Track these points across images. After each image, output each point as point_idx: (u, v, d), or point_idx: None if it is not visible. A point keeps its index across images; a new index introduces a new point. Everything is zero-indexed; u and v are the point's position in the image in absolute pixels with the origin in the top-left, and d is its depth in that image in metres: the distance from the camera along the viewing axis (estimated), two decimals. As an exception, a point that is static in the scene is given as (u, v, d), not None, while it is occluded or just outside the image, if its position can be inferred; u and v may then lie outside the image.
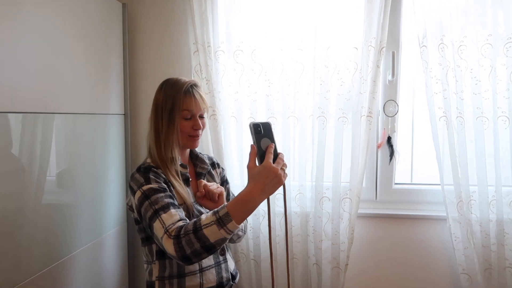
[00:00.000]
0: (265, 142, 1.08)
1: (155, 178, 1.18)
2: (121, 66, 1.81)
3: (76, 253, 1.48)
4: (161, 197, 1.13)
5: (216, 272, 1.27)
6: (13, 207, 1.18)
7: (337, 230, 1.69)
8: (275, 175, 1.03)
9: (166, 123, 1.23)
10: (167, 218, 1.08)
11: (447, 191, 1.63)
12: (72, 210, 1.46)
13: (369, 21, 1.62)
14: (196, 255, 1.03)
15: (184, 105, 1.24)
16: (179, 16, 1.84)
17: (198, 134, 1.29)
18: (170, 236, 1.04)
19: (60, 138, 1.40)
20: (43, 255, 1.32)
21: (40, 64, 1.28)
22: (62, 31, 1.38)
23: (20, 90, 1.19)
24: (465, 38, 1.58)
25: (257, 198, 1.03)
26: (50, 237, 1.35)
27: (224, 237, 1.02)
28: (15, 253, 1.19)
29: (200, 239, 1.01)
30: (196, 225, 1.03)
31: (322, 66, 1.66)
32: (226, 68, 1.76)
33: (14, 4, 1.15)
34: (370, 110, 1.64)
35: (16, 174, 1.19)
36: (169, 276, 1.23)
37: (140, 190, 1.16)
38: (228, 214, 1.02)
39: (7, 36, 1.13)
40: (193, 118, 1.26)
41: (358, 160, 1.66)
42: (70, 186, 1.46)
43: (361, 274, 1.81)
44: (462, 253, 1.62)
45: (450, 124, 1.59)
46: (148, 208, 1.12)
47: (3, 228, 1.15)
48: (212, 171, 1.43)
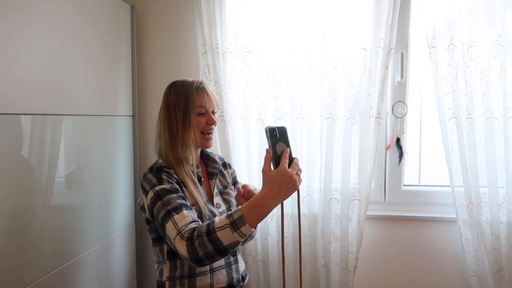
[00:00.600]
0: (280, 146, 1.09)
1: (167, 178, 1.18)
2: (129, 68, 1.81)
3: (85, 254, 1.49)
4: (174, 197, 1.13)
5: (227, 273, 1.27)
6: (23, 208, 1.18)
7: (345, 232, 1.68)
8: (290, 180, 1.04)
9: (181, 122, 1.23)
10: (179, 219, 1.08)
11: (457, 193, 1.62)
12: (81, 212, 1.47)
13: (378, 22, 1.61)
14: (209, 258, 1.03)
15: (197, 102, 1.24)
16: (187, 17, 1.85)
17: (212, 129, 1.29)
18: (183, 238, 1.04)
19: (69, 139, 1.40)
20: (53, 256, 1.32)
21: (49, 66, 1.28)
22: (71, 33, 1.38)
23: (29, 92, 1.19)
24: (474, 38, 1.58)
25: (271, 202, 1.04)
26: (60, 238, 1.35)
27: (237, 240, 1.02)
28: (25, 254, 1.20)
29: (213, 242, 1.01)
30: (210, 227, 1.03)
31: (331, 67, 1.66)
32: (234, 69, 1.76)
33: (24, 7, 1.16)
34: (379, 111, 1.63)
35: (26, 176, 1.20)
36: (180, 276, 1.23)
37: (152, 190, 1.16)
38: (242, 217, 1.02)
39: (17, 39, 1.14)
40: (206, 113, 1.26)
41: (367, 162, 1.66)
42: (79, 187, 1.47)
43: (370, 276, 1.80)
44: (472, 255, 1.61)
45: (460, 126, 1.58)
46: (160, 208, 1.12)
47: (13, 229, 1.15)
48: (224, 171, 1.43)
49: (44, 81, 1.26)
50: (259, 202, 1.04)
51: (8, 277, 1.13)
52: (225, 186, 1.40)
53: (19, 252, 1.17)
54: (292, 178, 1.04)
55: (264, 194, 1.04)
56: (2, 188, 1.10)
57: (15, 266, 1.16)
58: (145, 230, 1.91)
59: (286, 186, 1.04)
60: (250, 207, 1.04)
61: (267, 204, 1.04)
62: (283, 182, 1.03)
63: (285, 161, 1.06)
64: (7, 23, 1.10)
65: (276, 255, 1.77)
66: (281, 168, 1.05)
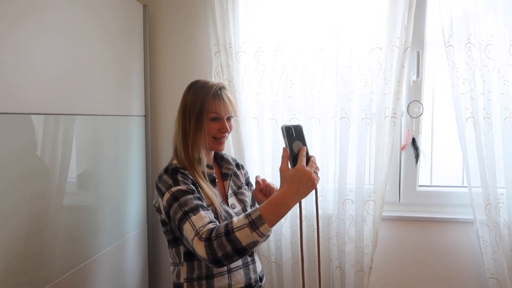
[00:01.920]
0: (297, 145, 1.08)
1: (183, 179, 1.17)
2: (141, 68, 1.81)
3: (100, 255, 1.48)
4: (190, 198, 1.12)
5: (244, 273, 1.26)
6: (38, 209, 1.17)
7: (360, 233, 1.66)
8: (308, 178, 1.03)
9: (193, 125, 1.22)
10: (197, 220, 1.07)
11: (474, 194, 1.59)
12: (95, 212, 1.46)
13: (393, 21, 1.59)
14: (227, 258, 1.02)
15: (212, 108, 1.23)
16: (199, 17, 1.84)
17: (224, 136, 1.28)
18: (201, 239, 1.03)
19: (82, 139, 1.39)
20: (69, 257, 1.31)
21: (63, 66, 1.27)
22: (84, 33, 1.37)
23: (43, 92, 1.18)
24: (492, 37, 1.55)
25: (290, 201, 1.03)
26: (75, 239, 1.35)
27: (256, 240, 1.01)
28: (41, 255, 1.19)
29: (232, 242, 1.00)
30: (228, 227, 1.02)
31: (345, 66, 1.64)
32: (247, 69, 1.75)
33: (37, 7, 1.15)
34: (395, 111, 1.61)
35: (41, 176, 1.19)
36: (197, 277, 1.21)
37: (168, 191, 1.15)
38: (261, 217, 1.01)
39: (31, 39, 1.13)
40: (220, 120, 1.25)
41: (383, 162, 1.64)
42: (92, 187, 1.46)
43: (385, 277, 1.77)
44: (490, 257, 1.58)
45: (477, 125, 1.56)
46: (177, 210, 1.11)
47: (30, 230, 1.14)
48: (237, 172, 1.42)
49: (58, 81, 1.24)
50: (277, 201, 1.03)
51: (24, 279, 1.12)
52: (239, 187, 1.39)
53: (36, 254, 1.17)
54: (310, 176, 1.03)
55: (283, 192, 1.03)
56: (18, 189, 1.09)
57: (31, 268, 1.15)
58: (157, 231, 1.91)
59: (304, 185, 1.03)
60: (269, 206, 1.02)
61: (286, 203, 1.03)
62: (301, 181, 1.02)
63: (303, 159, 1.05)
64: (23, 23, 1.09)
65: (289, 256, 1.75)
66: (299, 166, 1.04)
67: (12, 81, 1.06)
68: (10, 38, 1.04)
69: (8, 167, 1.05)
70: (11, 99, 1.06)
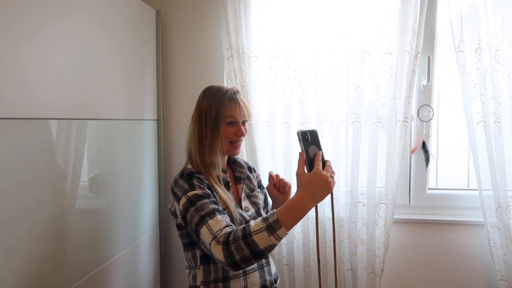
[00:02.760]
0: (312, 149, 1.10)
1: (199, 184, 1.19)
2: (154, 72, 1.82)
3: (115, 258, 1.49)
4: (206, 203, 1.14)
5: (260, 275, 1.27)
6: (54, 212, 1.17)
7: (372, 236, 1.68)
8: (325, 182, 1.05)
9: (210, 130, 1.24)
10: (214, 224, 1.09)
11: (485, 197, 1.61)
12: (109, 215, 1.47)
13: (404, 27, 1.62)
14: (245, 261, 1.03)
15: (228, 112, 1.24)
16: (211, 22, 1.86)
17: (240, 140, 1.30)
18: (218, 242, 1.04)
19: (96, 143, 1.39)
20: (86, 261, 1.33)
21: (78, 71, 1.27)
22: (96, 38, 1.37)
23: (59, 97, 1.18)
24: (502, 42, 1.58)
25: (307, 205, 1.05)
26: (91, 243, 1.36)
27: (273, 243, 1.02)
28: (57, 259, 1.19)
29: (250, 245, 1.01)
30: (246, 231, 1.03)
31: (357, 71, 1.66)
32: (259, 73, 1.77)
33: (53, 15, 1.15)
34: (406, 115, 1.64)
35: (57, 180, 1.19)
36: (214, 280, 1.23)
37: (185, 196, 1.16)
38: (278, 220, 1.02)
39: (46, 45, 1.12)
40: (236, 124, 1.27)
41: (394, 165, 1.66)
42: (106, 191, 1.46)
43: (396, 279, 1.79)
44: (501, 259, 1.60)
45: (488, 129, 1.58)
46: (194, 214, 1.12)
47: (47, 233, 1.14)
48: (250, 175, 1.44)
49: (74, 86, 1.24)
50: (294, 205, 1.04)
51: (42, 283, 1.12)
52: (252, 190, 1.41)
53: (52, 257, 1.17)
54: (327, 180, 1.05)
55: (300, 196, 1.04)
56: (36, 193, 1.09)
57: (48, 272, 1.15)
58: (169, 233, 1.92)
59: (321, 189, 1.04)
60: (286, 210, 1.04)
61: (303, 207, 1.04)
62: (318, 185, 1.04)
63: (319, 163, 1.07)
64: (41, 31, 1.10)
65: (301, 259, 1.77)
66: (316, 170, 1.06)
67: (30, 86, 1.06)
68: (28, 44, 1.05)
69: (25, 171, 1.05)
70: (29, 105, 1.06)
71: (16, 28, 1.01)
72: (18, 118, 1.02)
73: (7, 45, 0.98)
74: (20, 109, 1.03)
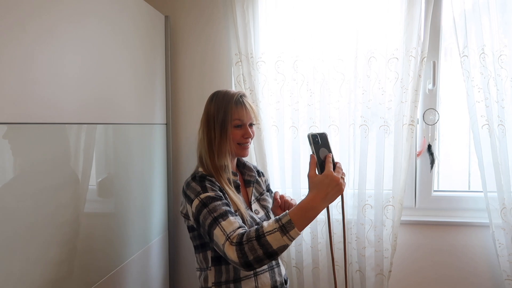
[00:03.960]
0: (323, 152, 1.13)
1: (211, 186, 1.21)
2: (163, 77, 1.85)
3: (128, 262, 1.50)
4: (219, 205, 1.16)
5: (270, 276, 1.30)
6: (70, 217, 1.17)
7: (380, 237, 1.71)
8: (336, 183, 1.08)
9: (218, 133, 1.27)
10: (227, 226, 1.11)
11: (490, 198, 1.65)
12: (121, 219, 1.48)
13: (410, 32, 1.65)
14: (258, 261, 1.05)
15: (235, 115, 1.28)
16: (220, 27, 1.89)
17: (248, 142, 1.33)
18: (232, 243, 1.07)
19: (107, 148, 1.39)
20: (101, 264, 1.34)
21: (89, 75, 1.25)
22: (108, 43, 1.36)
23: (75, 102, 1.17)
24: (505, 48, 1.62)
25: (319, 206, 1.07)
26: (105, 247, 1.37)
27: (286, 243, 1.05)
28: (72, 263, 1.19)
29: (263, 246, 1.04)
30: (259, 232, 1.06)
31: (364, 76, 1.70)
32: (267, 78, 1.80)
33: (64, 19, 1.13)
34: (412, 118, 1.67)
35: (70, 185, 1.17)
36: (225, 281, 1.25)
37: (197, 198, 1.19)
38: (291, 221, 1.05)
39: (55, 49, 1.10)
40: (243, 127, 1.30)
41: (401, 168, 1.69)
42: (118, 195, 1.46)
43: (403, 280, 1.82)
44: (506, 259, 1.64)
45: (492, 132, 1.62)
46: (207, 215, 1.15)
47: (63, 238, 1.14)
48: (259, 179, 1.47)
49: (86, 90, 1.23)
50: (307, 206, 1.07)
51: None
52: (261, 193, 1.44)
53: (67, 262, 1.17)
54: (338, 182, 1.08)
55: (312, 198, 1.07)
56: (49, 198, 1.08)
57: (65, 275, 1.16)
58: (178, 236, 1.94)
59: (332, 190, 1.07)
60: (298, 211, 1.07)
61: (315, 208, 1.07)
62: (329, 186, 1.07)
63: (330, 165, 1.11)
64: (53, 36, 1.09)
65: (310, 261, 1.79)
66: (327, 172, 1.09)
67: (42, 92, 1.05)
68: (41, 50, 1.04)
69: (40, 176, 1.04)
70: (43, 110, 1.05)
71: (28, 34, 1.01)
72: (33, 123, 1.01)
73: (21, 51, 0.98)
74: (34, 114, 1.02)
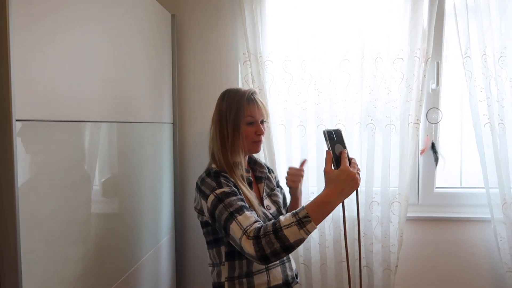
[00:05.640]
0: (338, 147, 1.16)
1: (226, 182, 1.23)
2: (170, 76, 1.84)
3: (142, 261, 1.50)
4: (234, 200, 1.18)
5: (282, 270, 1.32)
6: (84, 217, 1.14)
7: (387, 233, 1.75)
8: (352, 178, 1.10)
9: (231, 130, 1.29)
10: (243, 220, 1.13)
11: (492, 194, 1.71)
12: (135, 218, 1.47)
13: (414, 34, 1.70)
14: (275, 255, 1.07)
15: (248, 112, 1.30)
16: (226, 27, 1.89)
17: (260, 139, 1.34)
18: (249, 237, 1.08)
19: (115, 146, 1.34)
20: (118, 264, 1.33)
21: (99, 74, 1.20)
22: (113, 42, 1.30)
23: (85, 100, 1.12)
24: (505, 49, 1.69)
25: (335, 200, 1.10)
26: (122, 246, 1.36)
27: (302, 237, 1.07)
28: (85, 264, 1.16)
29: (280, 239, 1.06)
30: (276, 226, 1.08)
31: (371, 75, 1.74)
32: (274, 77, 1.82)
33: (69, 19, 1.05)
34: (417, 117, 1.72)
35: (82, 185, 1.13)
36: (238, 276, 1.27)
37: (213, 193, 1.20)
38: (308, 215, 1.07)
39: (69, 47, 1.05)
40: (255, 123, 1.32)
41: (407, 165, 1.73)
42: (130, 193, 1.44)
43: (408, 275, 1.87)
44: (508, 253, 1.70)
45: (493, 130, 1.69)
46: (222, 211, 1.16)
47: (79, 237, 1.12)
48: (269, 175, 1.49)
49: (95, 88, 1.18)
50: (324, 200, 1.09)
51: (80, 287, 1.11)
52: (272, 189, 1.46)
53: (80, 262, 1.14)
54: (354, 177, 1.10)
55: (329, 192, 1.09)
56: (63, 197, 1.02)
57: (82, 274, 1.14)
58: (185, 234, 1.93)
59: (348, 185, 1.10)
60: (315, 205, 1.09)
61: (331, 202, 1.09)
62: (346, 181, 1.09)
63: (346, 161, 1.13)
64: (63, 34, 1.03)
65: (318, 257, 1.82)
66: (344, 167, 1.11)
67: (59, 89, 1.00)
68: (58, 49, 1.00)
69: (53, 175, 0.99)
70: (59, 107, 1.00)
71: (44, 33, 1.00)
72: (47, 121, 0.96)
73: (39, 50, 0.96)
74: (47, 111, 0.96)
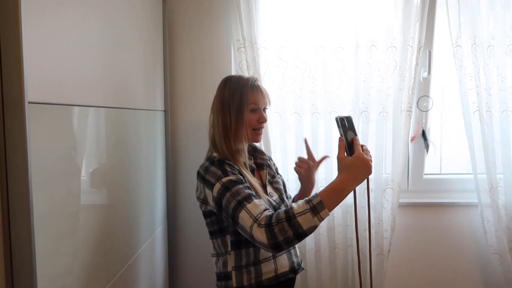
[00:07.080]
0: (350, 134, 1.15)
1: (231, 170, 1.20)
2: (161, 62, 1.78)
3: (141, 251, 1.46)
4: (241, 188, 1.15)
5: (288, 257, 1.31)
6: (78, 207, 1.05)
7: (380, 219, 1.79)
8: (366, 165, 1.10)
9: (234, 117, 1.26)
10: (253, 208, 1.11)
11: (480, 179, 1.78)
12: (132, 208, 1.42)
13: (407, 23, 1.73)
14: (288, 243, 1.06)
15: (251, 99, 1.27)
16: (219, 12, 1.85)
17: (262, 127, 1.33)
18: (260, 225, 1.07)
19: (105, 133, 1.23)
20: (119, 255, 1.29)
21: (94, 59, 1.12)
22: (104, 26, 1.20)
23: (78, 84, 1.02)
24: (492, 39, 1.74)
25: (349, 187, 1.09)
26: (122, 237, 1.32)
27: (316, 224, 1.06)
28: (93, 255, 1.13)
29: (294, 227, 1.04)
30: (289, 213, 1.06)
31: (365, 63, 1.75)
32: (269, 64, 1.80)
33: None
34: (410, 105, 1.75)
35: (74, 172, 1.03)
36: (245, 264, 1.25)
37: (219, 182, 1.17)
38: (322, 202, 1.06)
39: (57, 31, 0.95)
40: (258, 111, 1.30)
41: (399, 152, 1.77)
42: (127, 182, 1.38)
43: (399, 259, 1.93)
44: (494, 235, 1.78)
45: (482, 118, 1.74)
46: (230, 199, 1.14)
47: (74, 228, 1.08)
48: (269, 162, 1.47)
49: (86, 72, 1.08)
50: (337, 187, 1.08)
51: (81, 279, 1.07)
52: (273, 176, 1.44)
53: (90, 253, 1.11)
54: (368, 164, 1.10)
55: (343, 179, 1.09)
56: (54, 186, 0.92)
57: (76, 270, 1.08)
58: (177, 224, 1.90)
59: (362, 171, 1.10)
60: (328, 192, 1.08)
61: (345, 189, 1.08)
62: (360, 167, 1.09)
63: (359, 147, 1.12)
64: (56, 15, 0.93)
65: (312, 245, 1.83)
66: (357, 154, 1.11)
67: (50, 72, 0.90)
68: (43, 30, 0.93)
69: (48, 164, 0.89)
70: (49, 90, 0.90)
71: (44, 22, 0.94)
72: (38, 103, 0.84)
73: None
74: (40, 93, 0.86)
